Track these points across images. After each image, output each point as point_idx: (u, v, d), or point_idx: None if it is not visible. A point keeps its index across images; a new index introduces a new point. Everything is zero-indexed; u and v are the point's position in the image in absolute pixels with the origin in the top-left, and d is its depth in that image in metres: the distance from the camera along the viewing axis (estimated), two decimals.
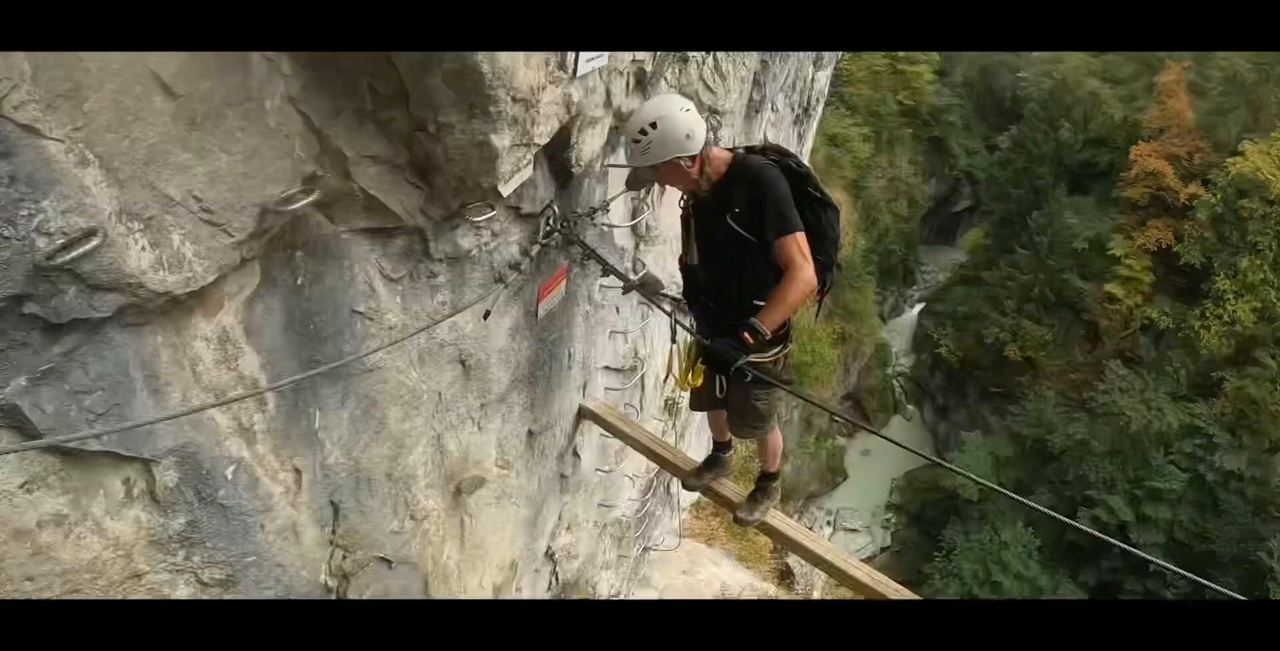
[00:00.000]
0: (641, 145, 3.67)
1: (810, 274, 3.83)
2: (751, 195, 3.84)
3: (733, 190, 3.90)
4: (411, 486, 3.91)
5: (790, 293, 3.82)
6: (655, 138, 3.66)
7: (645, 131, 3.65)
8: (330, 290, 2.99)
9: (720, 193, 3.95)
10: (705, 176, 3.91)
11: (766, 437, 4.99)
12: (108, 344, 2.21)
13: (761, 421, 4.75)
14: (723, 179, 3.94)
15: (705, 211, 4.09)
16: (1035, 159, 38.86)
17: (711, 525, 15.95)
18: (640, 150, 3.68)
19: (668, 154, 3.70)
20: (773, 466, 5.21)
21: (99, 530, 2.35)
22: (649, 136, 3.65)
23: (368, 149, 2.78)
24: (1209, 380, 31.11)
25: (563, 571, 7.09)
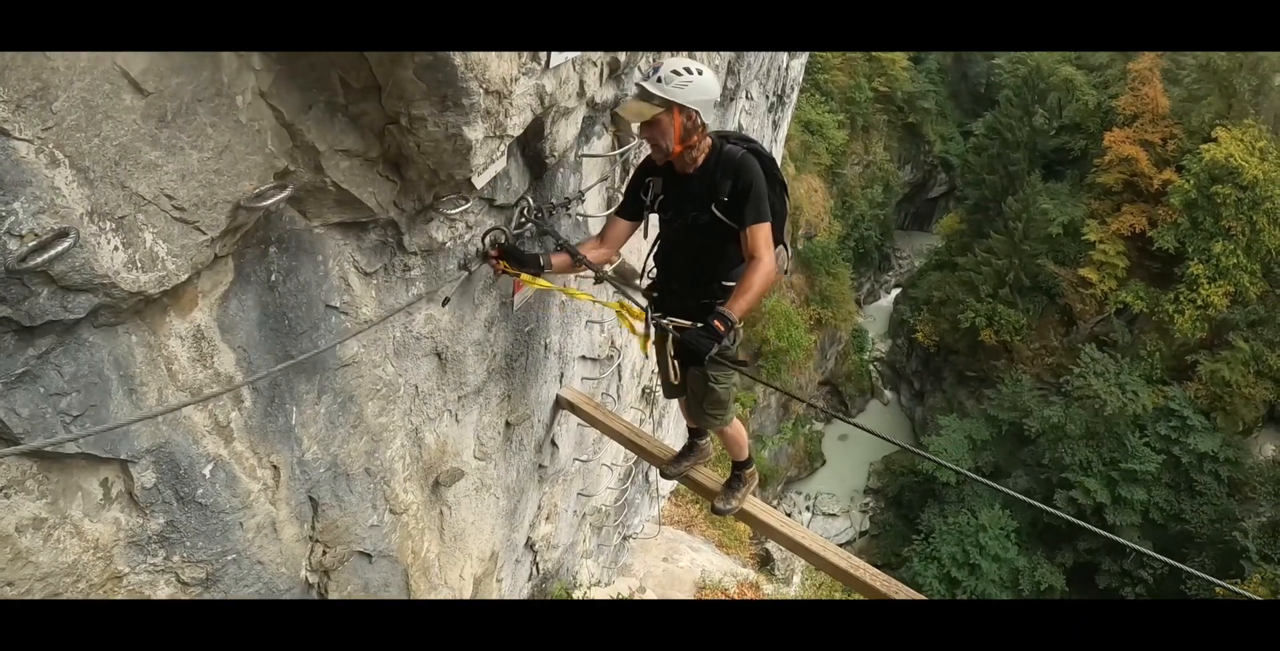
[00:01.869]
0: (681, 80, 3.69)
1: (773, 265, 3.95)
2: (738, 184, 3.92)
3: (718, 178, 3.95)
4: (390, 480, 3.91)
5: (757, 282, 3.89)
6: (695, 80, 3.72)
7: (690, 71, 3.71)
8: (304, 285, 2.98)
9: (704, 179, 4.00)
10: (690, 153, 3.95)
11: (726, 430, 5.04)
12: (82, 345, 2.20)
13: (720, 409, 4.81)
14: (704, 165, 3.99)
15: (683, 200, 4.12)
16: (1010, 145, 39.12)
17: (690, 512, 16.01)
18: (679, 83, 3.69)
19: (691, 100, 3.74)
20: (742, 455, 5.26)
21: (78, 533, 2.35)
22: (691, 77, 3.71)
23: (340, 143, 2.76)
24: (1183, 363, 31.59)
25: (543, 561, 7.12)
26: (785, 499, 36.60)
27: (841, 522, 36.88)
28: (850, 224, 43.88)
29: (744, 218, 3.93)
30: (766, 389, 35.16)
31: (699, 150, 3.97)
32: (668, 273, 4.44)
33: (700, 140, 3.93)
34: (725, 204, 3.97)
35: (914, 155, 51.71)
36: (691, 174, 4.03)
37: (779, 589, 14.02)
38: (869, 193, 45.50)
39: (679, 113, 3.77)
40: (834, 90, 43.68)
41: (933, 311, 39.92)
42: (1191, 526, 28.24)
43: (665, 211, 4.25)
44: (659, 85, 3.70)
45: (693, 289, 4.26)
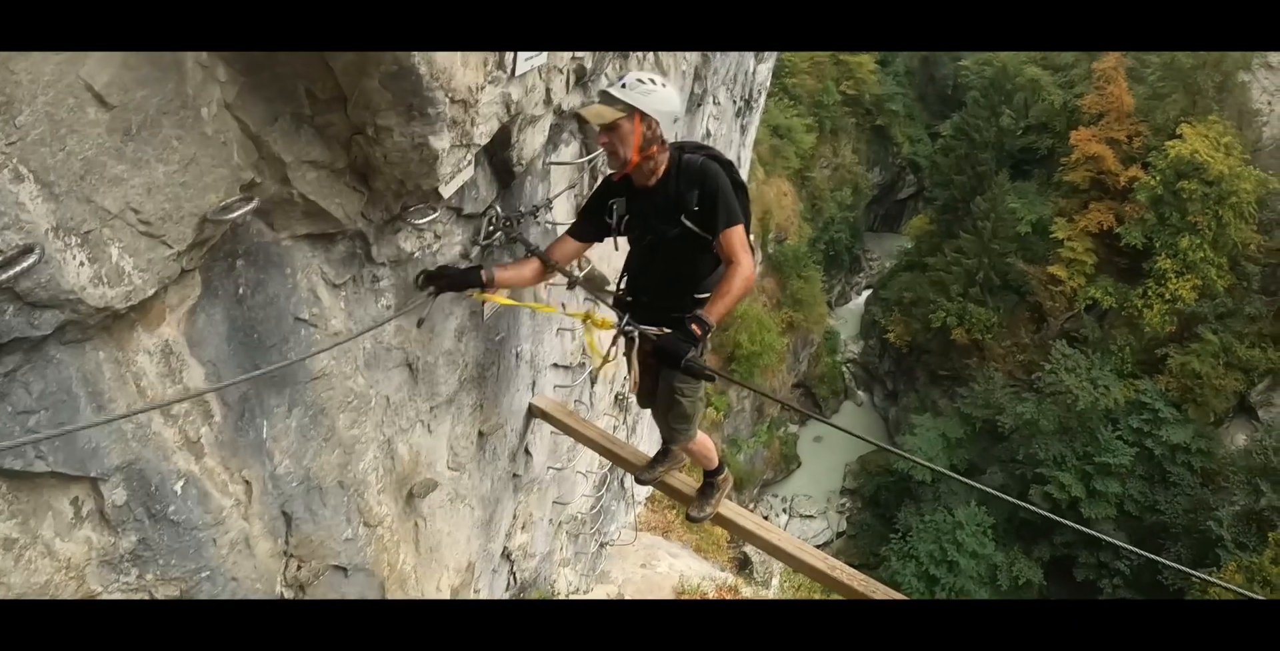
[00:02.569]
0: (645, 88, 3.72)
1: (752, 268, 3.95)
2: (704, 192, 3.93)
3: (682, 189, 3.96)
4: (364, 492, 3.89)
5: (736, 286, 3.88)
6: (659, 92, 3.76)
7: (654, 82, 3.76)
8: (273, 298, 2.97)
9: (667, 191, 4.00)
10: (648, 164, 3.95)
11: (691, 446, 5.07)
12: (49, 362, 2.19)
13: (685, 423, 4.83)
14: (665, 177, 4.00)
15: (649, 215, 4.12)
16: (977, 145, 39.50)
17: (667, 518, 16.00)
18: (642, 91, 3.72)
19: (653, 109, 3.76)
20: (711, 465, 5.29)
21: (50, 552, 2.33)
22: (654, 87, 3.75)
23: (306, 154, 2.76)
24: (1153, 357, 32.02)
25: (520, 570, 7.10)
26: (762, 502, 36.69)
27: (819, 524, 37.01)
28: (820, 227, 44.15)
29: (716, 224, 3.93)
30: (740, 393, 35.27)
31: (658, 162, 3.97)
32: (639, 286, 4.44)
33: (659, 153, 3.94)
34: (695, 213, 3.97)
35: (882, 157, 52.11)
36: (653, 187, 4.03)
37: (758, 592, 14.04)
38: (838, 195, 45.79)
39: (640, 120, 3.77)
40: (802, 94, 43.96)
41: (904, 312, 40.20)
42: (1166, 517, 28.61)
43: (633, 230, 4.24)
44: (623, 90, 3.72)
45: (664, 302, 4.26)
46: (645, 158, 3.91)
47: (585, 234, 4.31)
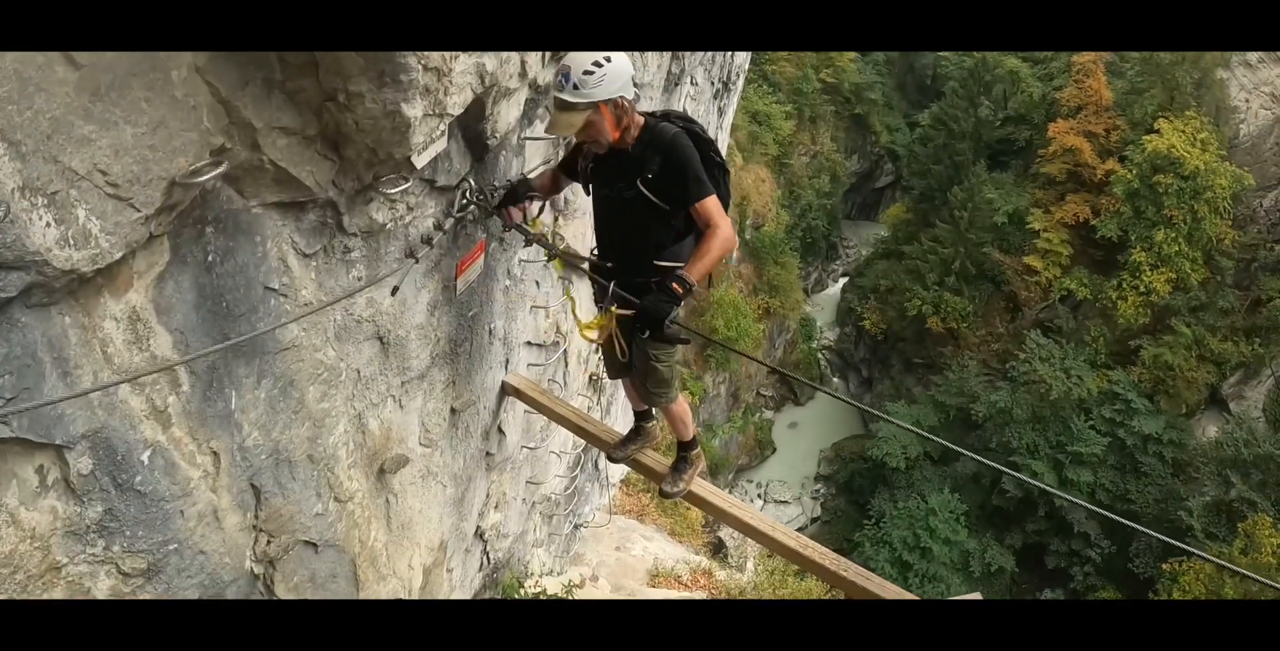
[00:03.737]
0: (595, 77, 3.65)
1: (731, 231, 4.02)
2: (667, 162, 3.94)
3: (646, 155, 3.97)
4: (334, 467, 3.88)
5: (715, 247, 3.95)
6: (610, 70, 3.68)
7: (600, 64, 3.66)
8: (242, 267, 2.95)
9: (633, 156, 4.01)
10: (627, 134, 3.95)
11: (671, 407, 5.10)
12: (14, 326, 2.17)
13: (665, 386, 4.88)
14: (636, 142, 3.99)
15: (611, 173, 4.15)
16: (955, 136, 39.67)
17: (642, 501, 16.05)
18: (594, 82, 3.65)
19: (614, 91, 3.73)
20: (687, 435, 5.31)
21: (14, 522, 2.31)
22: (603, 70, 3.66)
23: (277, 120, 2.74)
24: (1126, 348, 32.37)
25: (494, 550, 7.10)
26: (737, 487, 36.84)
27: (793, 509, 37.22)
28: (798, 214, 44.21)
29: (685, 195, 3.96)
30: (717, 378, 35.36)
31: (633, 128, 3.97)
32: (605, 249, 4.49)
33: (632, 118, 3.93)
34: (650, 181, 4.00)
35: (861, 146, 52.23)
36: (620, 148, 4.02)
37: (732, 575, 14.09)
38: (816, 183, 45.86)
39: (605, 107, 3.76)
40: (781, 81, 43.95)
41: (880, 299, 40.40)
42: (1137, 506, 28.94)
43: (595, 180, 4.29)
44: (576, 92, 3.68)
45: (629, 266, 4.30)
46: (624, 130, 3.93)
47: (564, 168, 4.39)
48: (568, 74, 3.67)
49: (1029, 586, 31.36)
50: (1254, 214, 33.15)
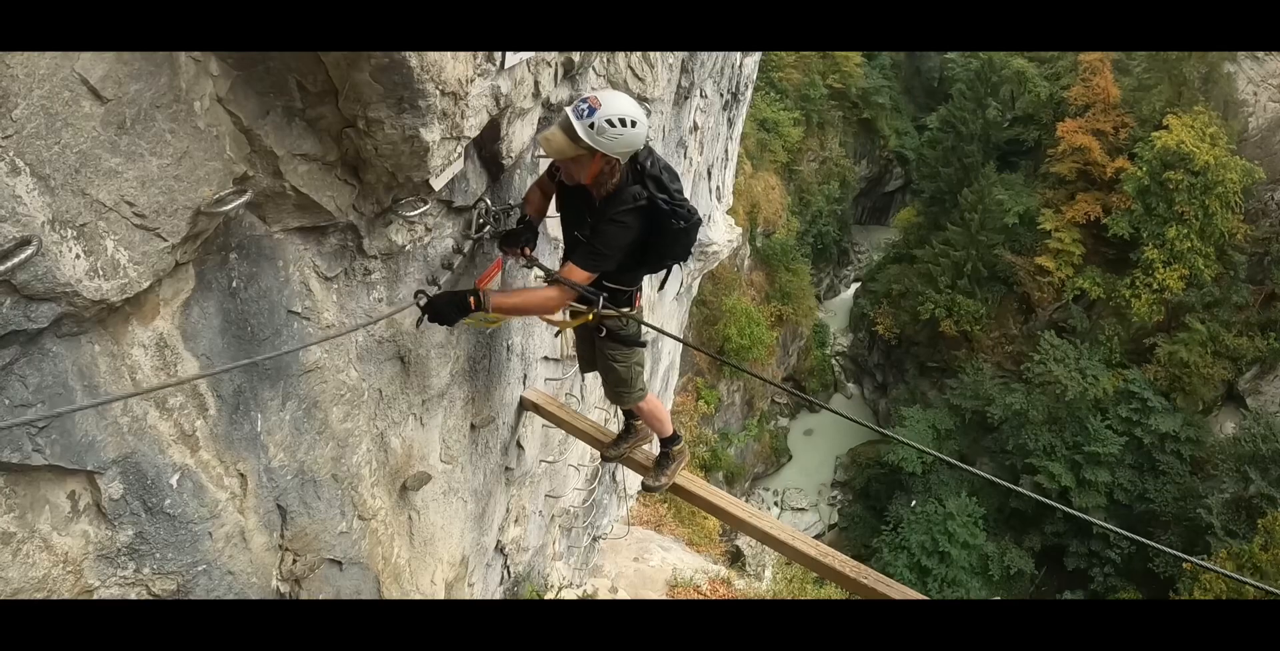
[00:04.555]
0: (614, 131, 3.63)
1: (550, 303, 4.21)
2: (597, 226, 4.00)
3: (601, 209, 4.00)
4: (357, 485, 3.91)
5: (532, 298, 4.23)
6: (626, 134, 3.68)
7: (625, 123, 3.65)
8: (265, 291, 2.99)
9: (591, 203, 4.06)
10: (599, 188, 3.97)
11: (640, 406, 5.18)
12: (45, 355, 2.20)
13: (624, 386, 4.98)
14: (603, 196, 4.00)
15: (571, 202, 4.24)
16: (964, 138, 39.61)
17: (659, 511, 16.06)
18: (610, 135, 3.64)
19: (616, 152, 3.73)
20: (665, 430, 5.39)
21: (47, 547, 2.34)
22: (622, 130, 3.65)
23: (298, 147, 2.78)
24: (1141, 346, 32.22)
25: (514, 564, 7.12)
26: (753, 495, 36.75)
27: (810, 516, 37.08)
28: (808, 220, 44.15)
29: (575, 252, 4.11)
30: (731, 386, 35.32)
31: (607, 187, 3.97)
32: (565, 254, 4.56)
33: (611, 178, 3.94)
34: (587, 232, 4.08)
35: (869, 150, 52.15)
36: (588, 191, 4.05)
37: (750, 584, 14.10)
38: (826, 188, 45.79)
39: (601, 158, 3.77)
40: (788, 88, 43.93)
41: (892, 304, 40.28)
42: (1156, 505, 28.84)
43: (559, 199, 4.38)
44: (589, 131, 3.64)
45: None
46: (596, 183, 3.95)
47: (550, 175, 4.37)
48: (594, 110, 3.63)
49: (1049, 588, 31.18)
50: (1265, 208, 33.02)
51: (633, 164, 3.97)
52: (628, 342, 4.73)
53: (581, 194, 4.06)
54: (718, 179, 12.34)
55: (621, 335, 4.66)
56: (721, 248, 12.94)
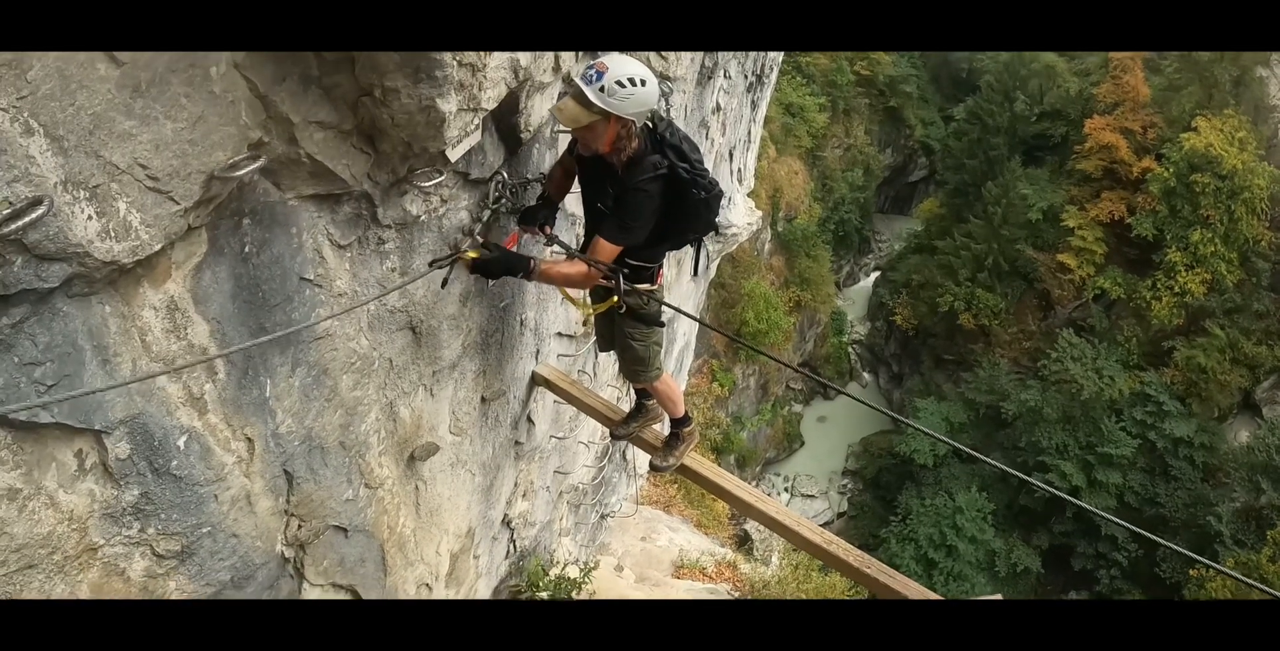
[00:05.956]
0: (624, 92, 3.64)
1: (587, 275, 4.27)
2: (621, 197, 4.04)
3: (622, 178, 4.02)
4: (365, 454, 3.93)
5: (569, 270, 4.26)
6: (637, 93, 3.68)
7: (634, 83, 3.66)
8: (278, 257, 2.99)
9: (613, 173, 4.06)
10: (618, 155, 3.95)
11: (655, 385, 5.19)
12: (56, 315, 2.22)
13: (641, 365, 4.99)
14: (623, 164, 4.00)
15: (592, 175, 4.25)
16: (990, 130, 39.27)
17: (669, 492, 16.09)
18: (621, 96, 3.64)
19: (631, 112, 3.72)
20: (677, 411, 5.42)
21: (53, 504, 2.36)
22: (633, 89, 3.66)
23: (313, 114, 2.77)
24: (1159, 349, 31.92)
25: (520, 538, 7.16)
26: (764, 480, 36.77)
27: (820, 504, 37.07)
28: (830, 206, 43.91)
29: (601, 227, 4.15)
30: (747, 370, 35.30)
31: (626, 153, 3.96)
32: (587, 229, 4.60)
33: (629, 143, 3.93)
34: (609, 203, 4.12)
35: (895, 139, 51.76)
36: (608, 161, 4.04)
37: (756, 569, 14.10)
38: (849, 176, 45.51)
39: (615, 121, 3.77)
40: (815, 73, 43.59)
41: (911, 294, 40.08)
42: (1166, 510, 28.67)
43: (580, 174, 4.39)
44: (600, 95, 3.64)
45: None
46: (616, 150, 3.93)
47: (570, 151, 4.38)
48: (601, 74, 3.64)
49: (1054, 588, 31.13)
50: None
51: (652, 134, 3.99)
52: (648, 321, 4.74)
53: (602, 165, 4.06)
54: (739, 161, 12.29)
55: (642, 313, 4.68)
56: (741, 230, 12.92)
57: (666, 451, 5.51)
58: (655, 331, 4.86)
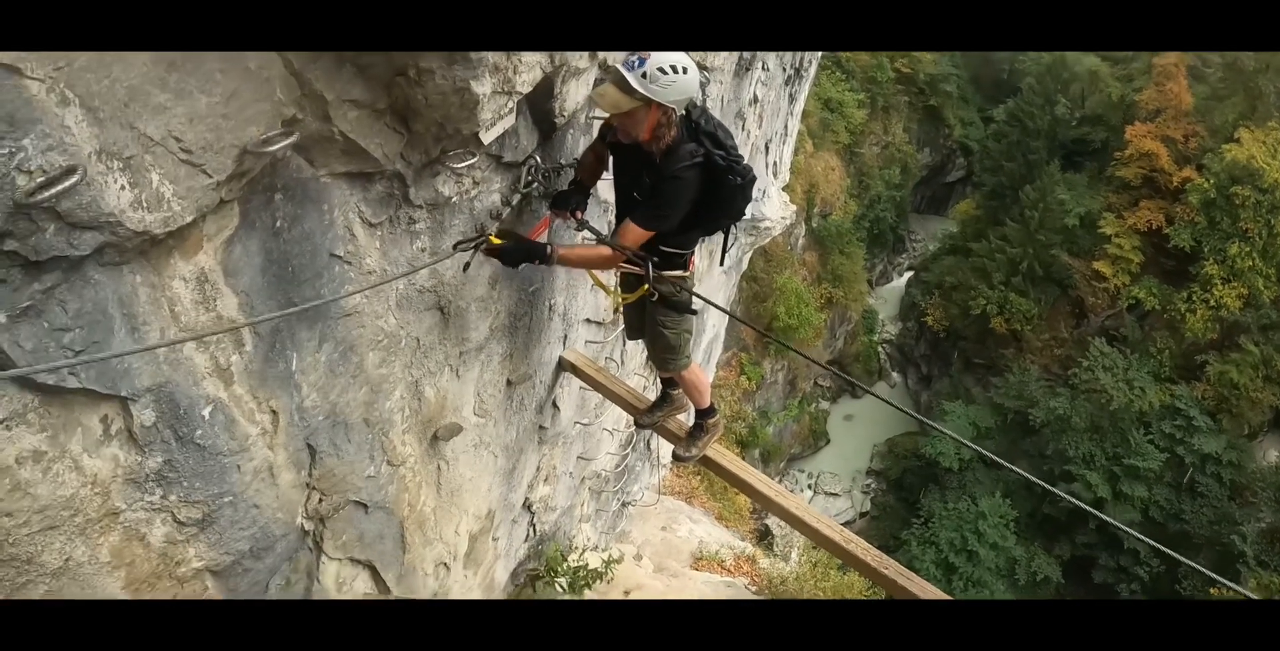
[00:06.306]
0: (666, 79, 3.63)
1: (609, 258, 4.31)
2: (658, 185, 4.02)
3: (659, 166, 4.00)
4: (388, 431, 3.95)
5: (592, 254, 4.32)
6: (679, 81, 3.67)
7: (676, 70, 3.65)
8: (309, 233, 3.00)
9: (649, 161, 4.05)
10: (657, 143, 3.94)
11: (684, 374, 5.17)
12: (86, 282, 2.24)
13: (671, 353, 4.98)
14: (661, 153, 3.98)
15: (626, 161, 4.24)
16: (1030, 133, 38.95)
17: (691, 483, 16.08)
18: (663, 83, 3.64)
19: (670, 99, 3.71)
20: (703, 402, 5.39)
21: (77, 467, 2.39)
22: (675, 76, 3.65)
23: (347, 93, 2.78)
24: (1191, 363, 31.58)
25: (540, 523, 7.18)
26: (788, 476, 36.75)
27: (843, 502, 37.02)
28: (866, 204, 43.70)
29: (634, 212, 4.12)
30: (775, 364, 35.26)
31: (665, 140, 3.94)
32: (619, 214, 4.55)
33: (668, 131, 3.91)
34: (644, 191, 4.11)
35: (933, 138, 51.40)
36: (645, 149, 4.03)
37: (775, 564, 14.06)
38: (886, 173, 45.26)
39: (656, 109, 3.76)
40: (855, 68, 43.34)
41: (944, 296, 39.87)
42: (1190, 527, 28.37)
43: (613, 156, 4.39)
44: (642, 81, 3.64)
45: None
46: (655, 138, 3.92)
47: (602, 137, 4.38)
48: (644, 60, 3.64)
49: (1073, 599, 30.83)
50: None
51: (687, 122, 3.98)
52: (679, 309, 4.72)
53: (639, 153, 4.05)
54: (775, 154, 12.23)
55: (674, 301, 4.66)
56: (774, 223, 12.85)
57: (690, 442, 5.47)
58: (686, 319, 4.85)
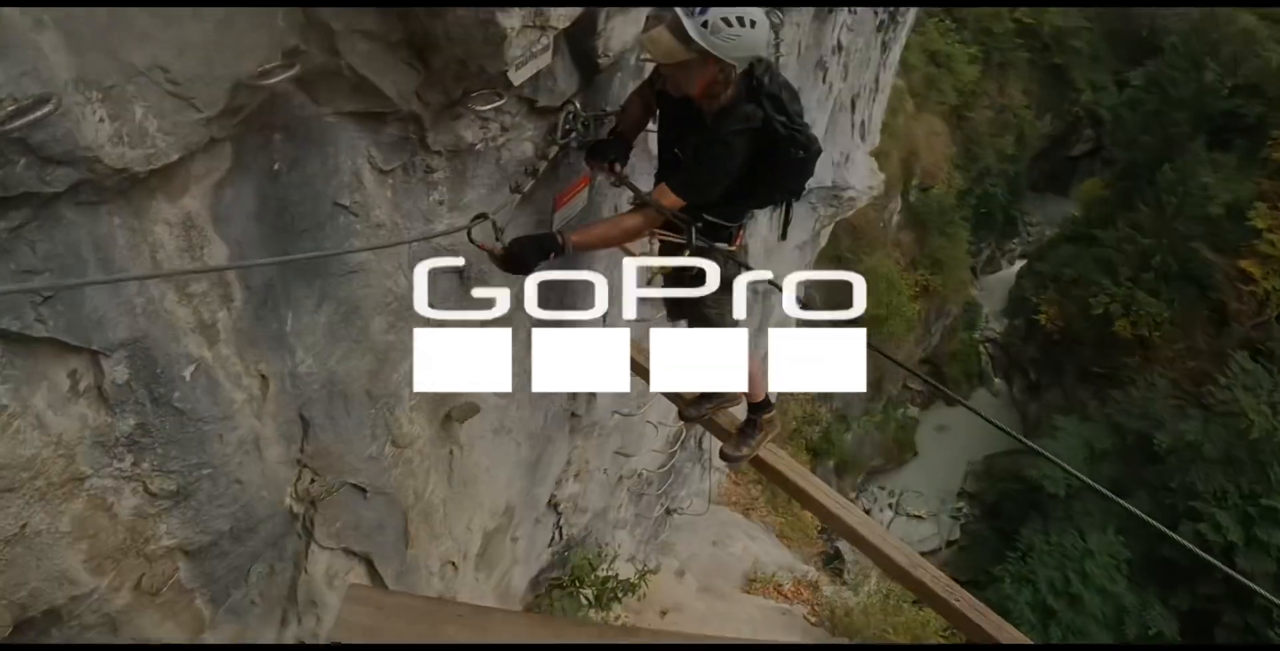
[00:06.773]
0: (730, 31, 3.55)
1: (632, 232, 4.24)
2: (701, 147, 3.96)
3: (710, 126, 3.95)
4: (394, 407, 3.99)
5: (619, 228, 4.20)
6: (744, 35, 3.60)
7: (743, 22, 3.58)
8: (310, 179, 3.05)
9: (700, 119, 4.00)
10: (712, 98, 3.89)
11: None
12: (59, 222, 2.29)
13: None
14: (713, 112, 3.94)
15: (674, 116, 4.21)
16: (1172, 102, 37.91)
17: (751, 493, 15.93)
18: (726, 36, 3.55)
19: (734, 54, 3.64)
20: (758, 395, 5.28)
21: (40, 425, 2.46)
22: (740, 30, 3.58)
23: (358, 22, 2.78)
24: None
25: (568, 525, 7.18)
26: (865, 492, 36.28)
27: (928, 527, 36.43)
28: (973, 177, 42.78)
29: (672, 176, 4.07)
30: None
31: (720, 101, 3.90)
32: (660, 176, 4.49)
33: (725, 90, 3.85)
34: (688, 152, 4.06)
35: (1056, 103, 50.06)
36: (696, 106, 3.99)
37: (840, 592, 13.88)
38: (999, 143, 44.29)
39: (714, 63, 3.68)
40: (968, 18, 42.37)
41: (1060, 291, 39.04)
42: None
43: (661, 109, 4.33)
44: (701, 31, 3.55)
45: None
46: (708, 95, 3.88)
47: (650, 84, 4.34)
48: (707, 7, 3.56)
49: None
50: None
51: (748, 79, 3.88)
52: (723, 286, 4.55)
53: (688, 108, 4.01)
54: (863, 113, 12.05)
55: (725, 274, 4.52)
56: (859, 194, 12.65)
57: (740, 440, 5.37)
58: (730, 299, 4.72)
